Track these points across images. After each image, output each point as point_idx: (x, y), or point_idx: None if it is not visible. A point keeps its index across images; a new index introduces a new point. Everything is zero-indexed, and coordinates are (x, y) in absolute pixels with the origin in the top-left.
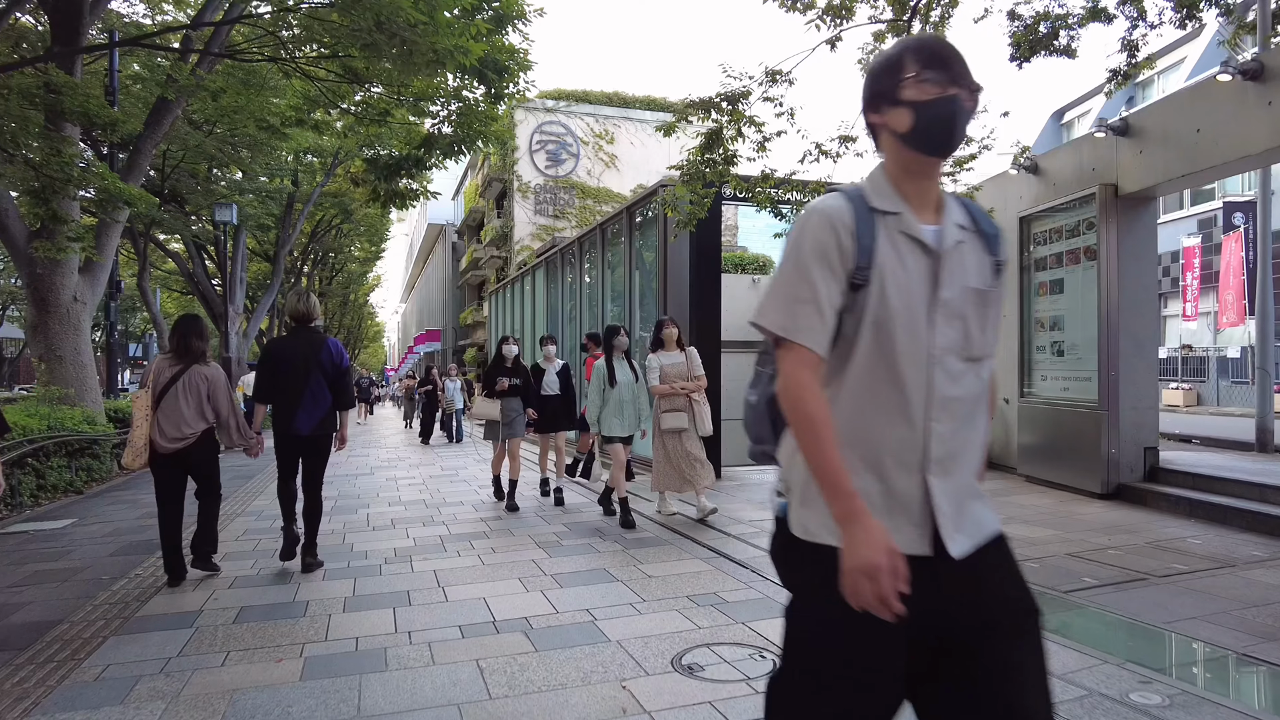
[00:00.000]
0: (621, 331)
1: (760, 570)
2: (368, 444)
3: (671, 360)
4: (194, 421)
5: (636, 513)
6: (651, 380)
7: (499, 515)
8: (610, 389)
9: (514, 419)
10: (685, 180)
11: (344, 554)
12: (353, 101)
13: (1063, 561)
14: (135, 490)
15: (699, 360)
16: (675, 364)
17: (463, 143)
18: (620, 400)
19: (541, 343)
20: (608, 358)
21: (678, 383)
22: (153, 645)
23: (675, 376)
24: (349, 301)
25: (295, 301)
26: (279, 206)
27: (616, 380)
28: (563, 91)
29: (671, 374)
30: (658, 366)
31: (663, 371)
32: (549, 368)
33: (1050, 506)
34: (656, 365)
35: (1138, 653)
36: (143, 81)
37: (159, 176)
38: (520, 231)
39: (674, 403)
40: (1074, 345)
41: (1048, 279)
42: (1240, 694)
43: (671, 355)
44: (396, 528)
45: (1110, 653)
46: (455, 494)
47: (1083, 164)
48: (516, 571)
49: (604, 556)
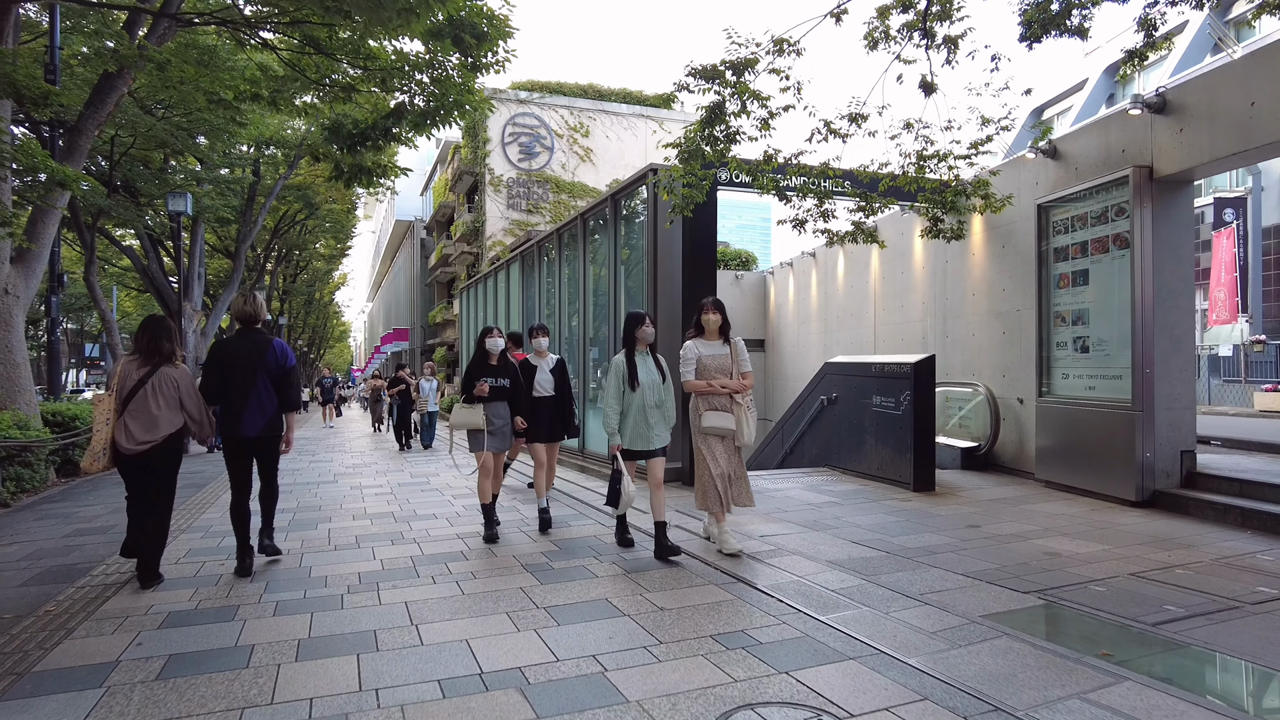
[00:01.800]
0: (646, 320)
1: (791, 600)
2: (332, 448)
3: (712, 351)
4: (165, 423)
5: (634, 527)
6: (685, 373)
7: (477, 530)
8: (631, 392)
9: (501, 428)
10: (683, 159)
11: (300, 580)
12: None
13: (1130, 584)
14: (72, 502)
15: (746, 353)
16: (717, 356)
17: (437, 114)
18: (644, 405)
19: (531, 334)
20: (629, 352)
21: (718, 380)
22: (44, 716)
23: (716, 372)
24: (314, 300)
25: (241, 303)
26: (239, 199)
27: (639, 381)
28: (535, 83)
29: (712, 368)
30: (694, 357)
31: (701, 364)
32: (541, 364)
33: (1082, 516)
34: (693, 356)
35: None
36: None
37: (107, 164)
38: (492, 226)
39: (714, 400)
40: (1102, 341)
41: (1069, 270)
42: None
43: (712, 345)
44: (361, 547)
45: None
46: (426, 505)
47: (1110, 145)
48: (502, 603)
49: (603, 583)
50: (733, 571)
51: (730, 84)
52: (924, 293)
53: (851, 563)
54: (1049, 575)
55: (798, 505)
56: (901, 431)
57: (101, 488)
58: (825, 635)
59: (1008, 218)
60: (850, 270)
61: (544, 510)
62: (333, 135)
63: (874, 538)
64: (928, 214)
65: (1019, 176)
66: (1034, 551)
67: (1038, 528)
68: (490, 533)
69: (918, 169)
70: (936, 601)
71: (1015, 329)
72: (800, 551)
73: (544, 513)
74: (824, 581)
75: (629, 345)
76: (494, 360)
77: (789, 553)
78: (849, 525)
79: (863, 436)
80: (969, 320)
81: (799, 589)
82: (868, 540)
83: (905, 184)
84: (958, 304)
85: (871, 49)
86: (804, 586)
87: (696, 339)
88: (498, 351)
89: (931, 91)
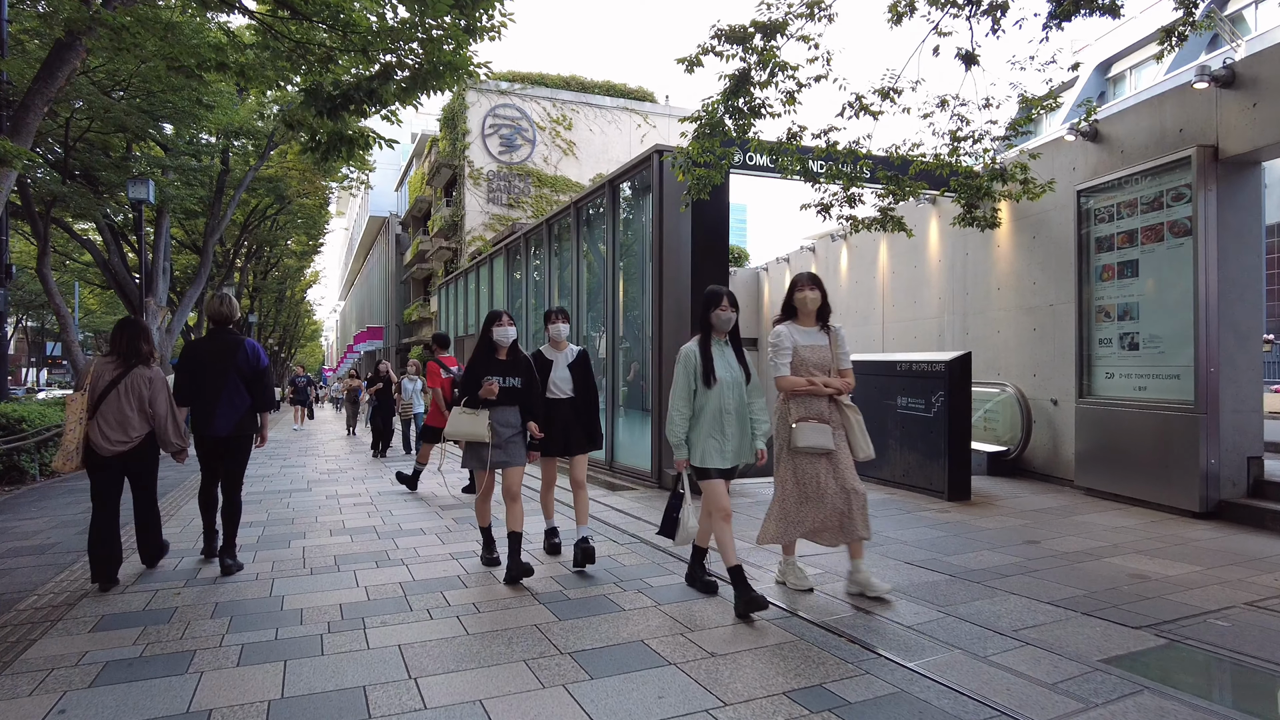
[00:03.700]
0: (725, 299)
1: (865, 639)
2: (305, 451)
3: (810, 340)
4: (139, 424)
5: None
6: (779, 367)
7: (471, 548)
8: (706, 390)
9: (511, 439)
10: (702, 135)
11: (271, 615)
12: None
13: (1254, 617)
14: (11, 514)
15: (848, 344)
16: (815, 346)
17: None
18: (720, 410)
19: (547, 319)
20: (703, 340)
21: (818, 376)
22: None
23: (815, 366)
24: (285, 298)
25: (218, 304)
26: (207, 190)
27: (716, 377)
28: (517, 74)
29: (810, 361)
30: (790, 347)
31: (797, 355)
32: (558, 358)
33: (1145, 529)
34: (788, 344)
35: None
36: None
37: (62, 148)
38: (472, 221)
39: (811, 406)
40: (1155, 337)
41: (1115, 261)
42: None
43: (808, 332)
44: (342, 570)
45: None
46: (411, 517)
47: (1165, 124)
48: (517, 647)
49: (633, 619)
50: (785, 604)
51: (757, 50)
52: (940, 287)
53: (916, 589)
54: (1151, 605)
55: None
56: (933, 436)
57: (50, 497)
58: (924, 690)
59: (1039, 206)
60: (855, 265)
61: (552, 530)
62: (310, 98)
63: (927, 557)
64: (961, 200)
65: (1053, 161)
66: (1115, 573)
67: (1104, 543)
68: (491, 555)
69: (951, 150)
70: (1037, 640)
71: (1048, 325)
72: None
73: (551, 533)
74: (894, 614)
75: (703, 331)
76: (503, 354)
77: (838, 576)
78: (894, 542)
79: (885, 440)
80: (993, 316)
81: (869, 625)
82: (922, 560)
83: (937, 167)
84: (980, 299)
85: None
86: (874, 622)
87: (789, 323)
88: (508, 343)
89: (973, 63)
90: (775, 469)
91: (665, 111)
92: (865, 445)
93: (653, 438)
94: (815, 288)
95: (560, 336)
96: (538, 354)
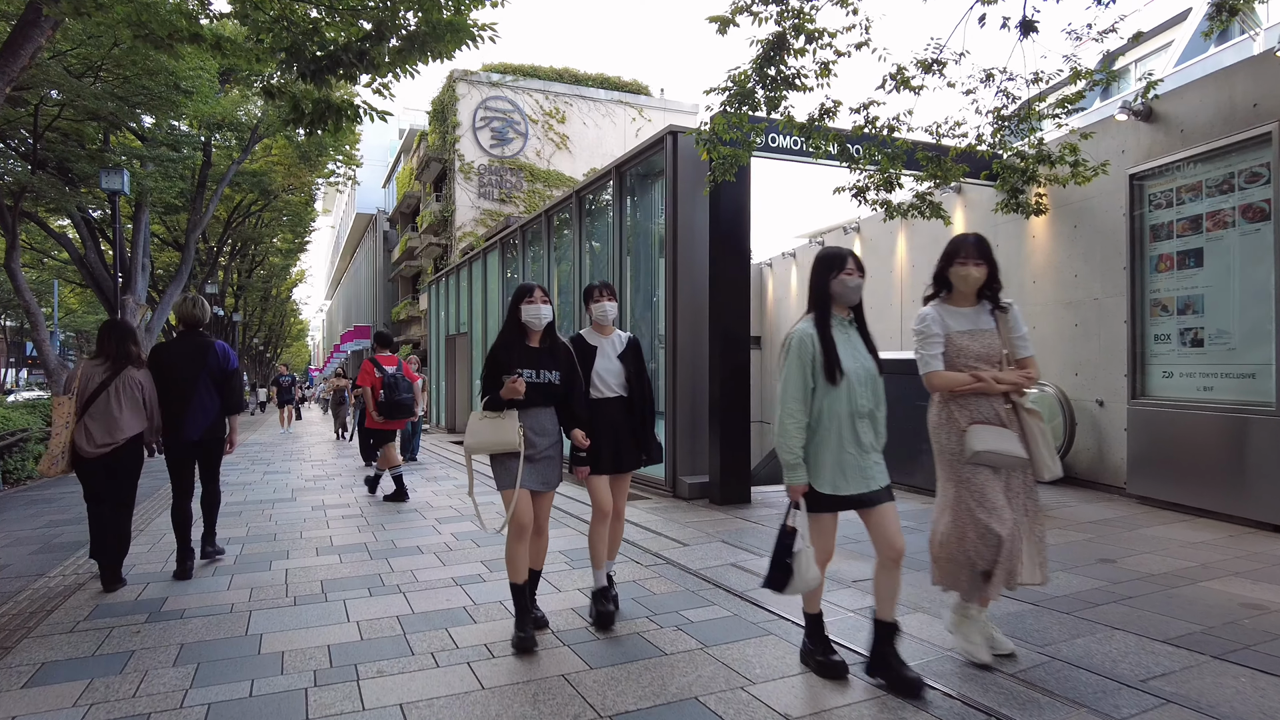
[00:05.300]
0: (849, 261)
1: (967, 694)
2: (289, 456)
3: (968, 324)
4: (129, 425)
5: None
6: (929, 361)
7: (476, 572)
8: (830, 387)
9: (547, 450)
10: (733, 104)
11: (245, 660)
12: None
13: None
14: None
15: (1023, 325)
16: (977, 331)
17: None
18: (852, 414)
19: (588, 296)
20: (821, 319)
21: (985, 370)
22: None
23: (980, 356)
24: (270, 297)
25: (190, 307)
26: (187, 183)
27: (844, 368)
28: (509, 65)
29: (971, 351)
30: (939, 333)
31: (952, 344)
32: (603, 344)
33: (1227, 545)
34: (937, 330)
35: None
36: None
37: (31, 136)
38: (462, 216)
39: (980, 409)
40: (1223, 333)
41: (1174, 250)
42: None
43: (966, 314)
44: (330, 599)
45: None
46: (406, 533)
47: (1235, 100)
48: (546, 707)
49: (678, 666)
50: (835, 636)
51: (794, 11)
52: None
53: (999, 621)
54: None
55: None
56: None
57: (9, 509)
58: None
59: (1082, 193)
60: (870, 258)
61: (603, 591)
62: (292, 59)
63: None
64: (1004, 186)
65: (1100, 144)
66: (1224, 603)
67: (1190, 563)
68: (523, 634)
69: (995, 130)
70: (1176, 695)
71: (1092, 320)
72: (919, 605)
73: (602, 595)
74: (984, 656)
75: (819, 307)
76: (536, 339)
77: (906, 607)
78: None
79: (915, 445)
80: (1029, 311)
81: (959, 671)
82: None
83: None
84: (1014, 293)
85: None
86: (966, 668)
87: (939, 303)
88: (543, 325)
89: (1031, 31)
90: (941, 488)
91: (660, 105)
92: (1051, 460)
93: (667, 442)
94: (982, 262)
95: (606, 319)
96: (578, 339)
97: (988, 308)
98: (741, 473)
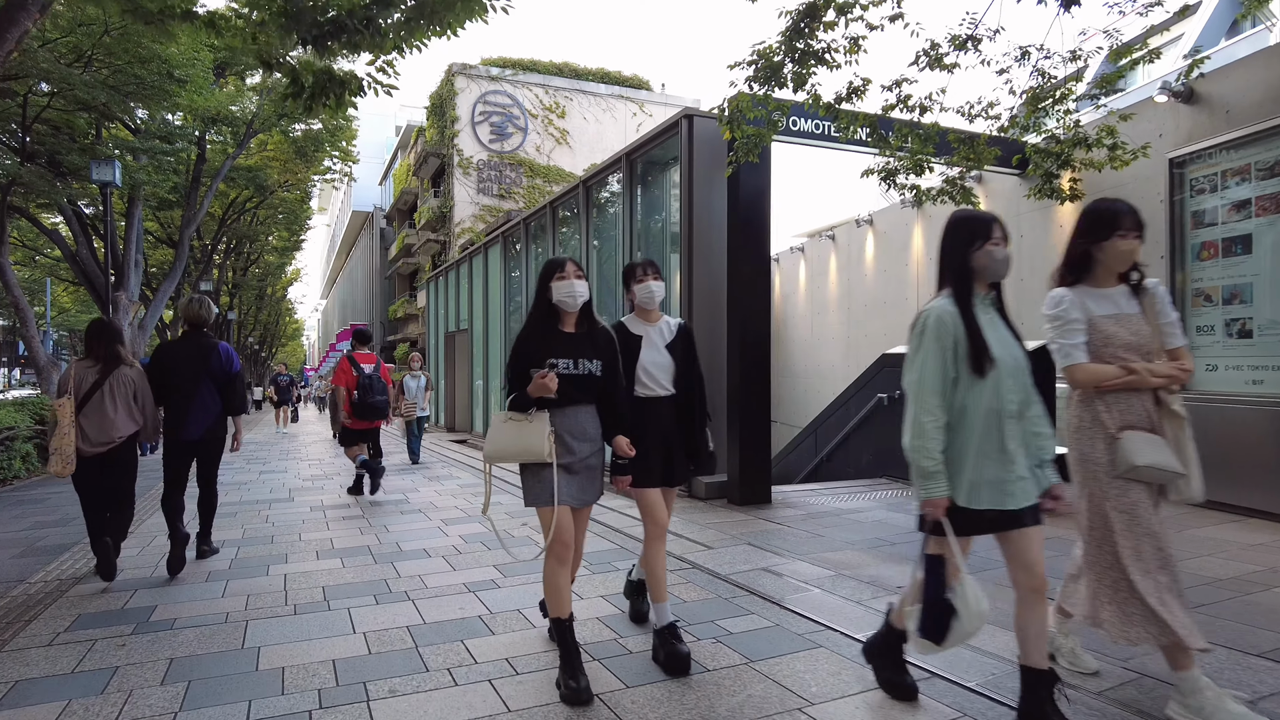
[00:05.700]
0: (994, 229)
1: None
2: (286, 455)
3: (1112, 308)
4: (123, 425)
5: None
6: (1071, 352)
7: (489, 577)
8: (976, 381)
9: (588, 459)
10: (761, 79)
11: (243, 678)
12: None
13: None
14: None
15: (1172, 308)
16: (1123, 316)
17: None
18: (1000, 412)
19: (629, 276)
20: (962, 298)
21: (1136, 362)
22: None
23: (1129, 346)
24: (266, 296)
25: (196, 308)
26: (181, 177)
27: (994, 357)
28: (508, 59)
29: (1118, 339)
30: (1080, 319)
31: (1096, 331)
32: (649, 333)
33: None
34: (1078, 315)
35: None
36: None
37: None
38: (461, 212)
39: (1130, 407)
40: (1275, 323)
41: (1219, 237)
42: None
43: (1107, 296)
44: (333, 607)
45: None
46: (411, 535)
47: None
48: None
49: (724, 684)
50: (919, 662)
51: None
52: None
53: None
54: None
55: (898, 534)
56: None
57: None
58: None
59: (1114, 178)
60: (884, 252)
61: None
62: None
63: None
64: (1039, 170)
65: (1136, 127)
66: None
67: (1258, 567)
68: (574, 684)
69: (1028, 113)
70: None
71: None
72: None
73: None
74: (1074, 679)
75: (958, 284)
76: (570, 324)
77: None
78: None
79: None
80: None
81: None
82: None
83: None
84: (1039, 285)
85: None
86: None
87: (1079, 285)
88: (578, 306)
89: (1073, 4)
90: (1081, 509)
91: (662, 100)
92: (1199, 477)
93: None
94: (1139, 233)
95: (653, 301)
96: (619, 326)
97: (1127, 290)
98: (763, 472)
